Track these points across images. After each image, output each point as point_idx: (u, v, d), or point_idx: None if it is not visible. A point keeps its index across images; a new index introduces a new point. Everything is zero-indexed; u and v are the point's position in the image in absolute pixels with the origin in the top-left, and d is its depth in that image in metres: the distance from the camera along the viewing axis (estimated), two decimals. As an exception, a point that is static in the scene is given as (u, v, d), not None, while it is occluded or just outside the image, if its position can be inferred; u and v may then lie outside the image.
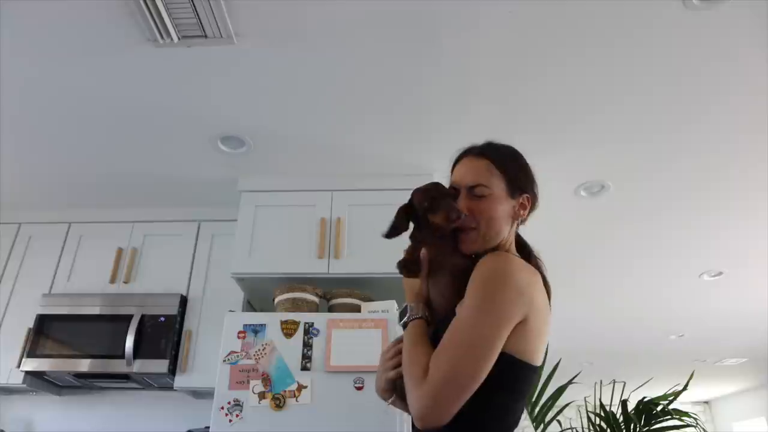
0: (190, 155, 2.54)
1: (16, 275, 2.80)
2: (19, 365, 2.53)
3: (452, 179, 1.14)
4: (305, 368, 2.07)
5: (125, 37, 1.86)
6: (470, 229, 1.05)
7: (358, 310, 2.28)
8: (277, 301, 2.33)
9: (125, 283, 2.72)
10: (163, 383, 2.62)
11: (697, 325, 4.76)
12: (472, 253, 1.06)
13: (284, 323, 2.16)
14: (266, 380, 2.06)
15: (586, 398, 3.44)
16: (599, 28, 1.83)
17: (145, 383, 2.66)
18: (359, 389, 2.02)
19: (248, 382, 2.06)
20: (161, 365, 2.47)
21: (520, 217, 1.10)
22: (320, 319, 2.17)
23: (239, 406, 2.02)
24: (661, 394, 3.18)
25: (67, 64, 1.99)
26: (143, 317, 2.57)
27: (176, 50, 1.91)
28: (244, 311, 2.53)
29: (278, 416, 2.00)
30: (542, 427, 3.26)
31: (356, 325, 2.14)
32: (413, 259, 1.07)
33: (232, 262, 2.47)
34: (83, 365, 2.51)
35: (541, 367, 1.05)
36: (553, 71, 2.02)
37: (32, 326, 2.60)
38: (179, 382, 2.51)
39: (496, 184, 1.08)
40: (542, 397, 3.29)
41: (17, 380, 2.56)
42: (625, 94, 2.12)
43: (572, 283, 3.80)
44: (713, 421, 8.50)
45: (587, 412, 3.33)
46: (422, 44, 1.90)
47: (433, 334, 1.01)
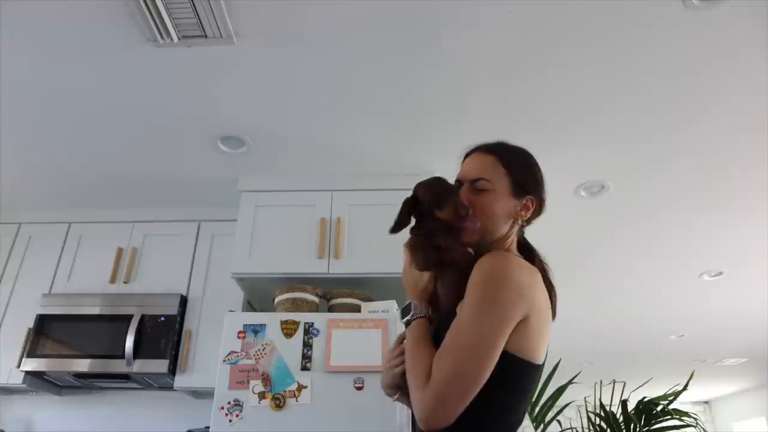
0: (190, 155, 2.54)
1: (16, 275, 2.80)
2: (19, 365, 2.53)
3: (459, 173, 1.15)
4: (305, 368, 2.07)
5: (125, 37, 1.86)
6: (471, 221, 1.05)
7: (358, 310, 2.28)
8: (277, 301, 2.33)
9: (125, 283, 2.72)
10: (163, 383, 2.62)
11: (697, 325, 4.76)
12: (469, 244, 1.06)
13: (284, 323, 2.16)
14: (266, 380, 2.06)
15: (586, 398, 3.44)
16: (599, 28, 1.83)
17: (145, 383, 2.66)
18: (359, 389, 2.02)
19: (248, 382, 2.06)
20: (161, 365, 2.47)
21: (521, 218, 1.09)
22: (320, 319, 2.17)
23: (239, 406, 2.02)
24: (661, 394, 3.18)
25: (67, 64, 1.99)
26: (143, 317, 2.57)
27: (176, 50, 1.91)
28: (244, 311, 2.53)
29: (278, 416, 2.00)
30: (542, 427, 3.26)
31: (356, 325, 2.14)
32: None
33: (232, 262, 2.47)
34: (83, 365, 2.51)
35: (543, 366, 1.05)
36: (553, 71, 2.02)
37: (32, 326, 2.60)
38: (179, 382, 2.51)
39: (499, 180, 1.08)
40: (542, 397, 3.29)
41: (17, 380, 2.56)
42: (625, 94, 2.12)
43: (572, 283, 3.80)
44: (713, 421, 8.50)
45: (587, 412, 3.33)
46: (422, 44, 1.90)
47: (434, 333, 1.01)
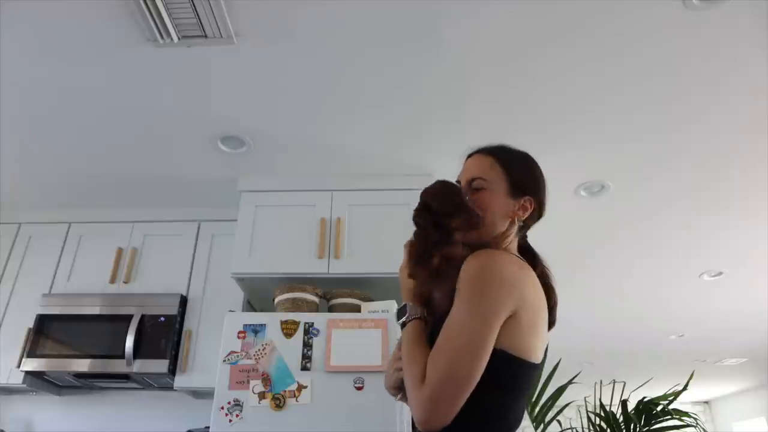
0: (190, 155, 2.54)
1: (16, 275, 2.80)
2: (19, 365, 2.53)
3: (459, 174, 1.17)
4: (305, 368, 2.07)
5: (125, 37, 1.86)
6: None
7: (358, 310, 2.28)
8: (277, 301, 2.33)
9: (125, 283, 2.72)
10: (163, 383, 2.62)
11: (697, 325, 4.76)
12: (468, 242, 1.06)
13: (284, 323, 2.16)
14: (266, 380, 2.06)
15: (586, 398, 3.44)
16: (599, 28, 1.83)
17: (145, 383, 2.66)
18: (359, 389, 2.02)
19: (248, 382, 2.06)
20: (161, 365, 2.47)
21: (518, 217, 1.09)
22: (320, 319, 2.17)
23: (239, 406, 2.02)
24: (661, 394, 3.18)
25: (66, 64, 1.99)
26: (143, 317, 2.57)
27: (176, 50, 1.91)
28: (244, 311, 2.52)
29: (278, 416, 2.00)
30: (542, 427, 3.26)
31: (356, 325, 2.14)
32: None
33: (232, 262, 2.47)
34: (83, 365, 2.51)
35: (541, 365, 1.05)
36: (553, 71, 2.01)
37: (32, 326, 2.60)
38: (179, 382, 2.51)
39: (496, 180, 1.10)
40: (542, 397, 3.29)
41: (17, 380, 2.56)
42: (625, 93, 2.12)
43: (572, 283, 3.80)
44: (713, 421, 8.50)
45: (587, 412, 3.33)
46: (422, 45, 1.90)
47: (430, 334, 1.01)
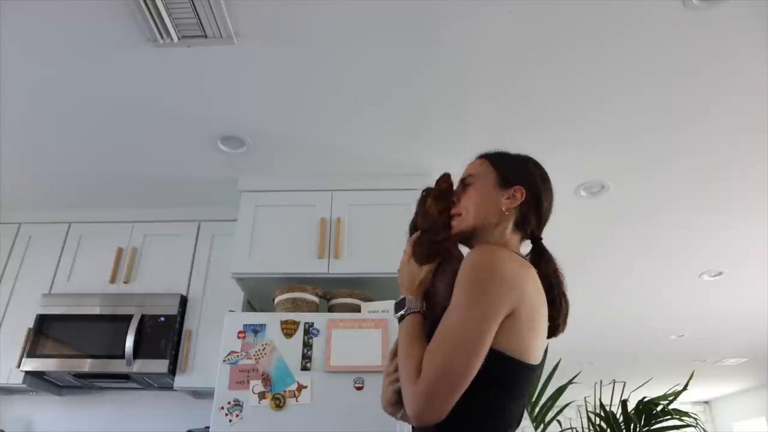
0: (190, 155, 2.54)
1: (16, 275, 2.80)
2: (19, 365, 2.53)
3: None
4: (305, 368, 2.07)
5: (125, 37, 1.86)
6: (457, 214, 1.12)
7: (358, 310, 2.28)
8: (277, 301, 2.33)
9: (125, 283, 2.72)
10: (163, 383, 2.62)
11: (697, 325, 4.76)
12: (459, 234, 1.11)
13: (284, 323, 2.16)
14: (266, 380, 2.06)
15: (586, 398, 3.44)
16: (599, 28, 1.83)
17: (145, 383, 2.66)
18: (359, 389, 2.02)
19: (248, 382, 2.06)
20: (161, 365, 2.47)
21: (506, 207, 1.09)
22: (320, 319, 2.17)
23: (239, 406, 2.02)
24: (661, 394, 3.18)
25: (66, 64, 1.99)
26: (143, 317, 2.57)
27: (176, 50, 1.91)
28: (244, 311, 2.52)
29: (278, 416, 2.00)
30: (542, 427, 3.26)
31: (356, 325, 2.14)
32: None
33: (232, 262, 2.47)
34: (83, 365, 2.51)
35: (541, 365, 1.04)
36: (552, 71, 2.01)
37: (32, 326, 2.60)
38: (179, 382, 2.51)
39: (485, 175, 1.14)
40: (542, 397, 3.29)
41: (17, 380, 2.56)
42: (625, 93, 2.12)
43: (572, 283, 3.74)
44: (713, 421, 8.51)
45: (587, 412, 3.33)
46: (422, 45, 1.90)
47: (429, 330, 1.01)
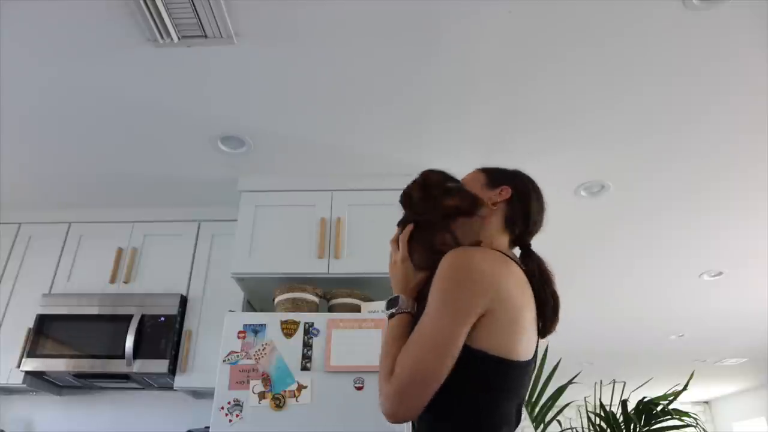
0: (190, 155, 2.54)
1: (16, 275, 2.80)
2: (19, 365, 2.53)
3: None
4: (305, 368, 2.07)
5: (125, 37, 1.86)
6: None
7: (358, 310, 2.28)
8: (277, 301, 2.33)
9: (125, 283, 2.72)
10: (163, 383, 2.62)
11: (697, 325, 4.76)
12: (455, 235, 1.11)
13: (284, 323, 2.16)
14: (266, 380, 2.06)
15: (586, 398, 3.45)
16: (599, 28, 1.83)
17: (145, 383, 2.66)
18: (359, 389, 2.02)
19: (248, 382, 2.06)
20: (161, 365, 2.47)
21: (493, 202, 1.13)
22: (320, 319, 2.17)
23: (239, 406, 2.02)
24: (661, 394, 3.18)
25: (66, 64, 1.99)
26: (143, 317, 2.57)
27: (176, 50, 1.91)
28: (244, 311, 2.52)
29: (278, 416, 2.00)
30: (542, 427, 3.26)
31: (356, 325, 2.14)
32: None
33: (232, 262, 2.47)
34: (83, 365, 2.51)
35: (533, 361, 1.03)
36: (553, 71, 2.02)
37: (32, 326, 2.60)
38: (179, 382, 2.51)
39: (475, 179, 1.18)
40: (542, 397, 3.29)
41: (17, 380, 2.56)
42: (625, 94, 2.12)
43: (572, 283, 3.80)
44: (713, 421, 8.51)
45: (587, 412, 3.33)
46: (422, 45, 1.90)
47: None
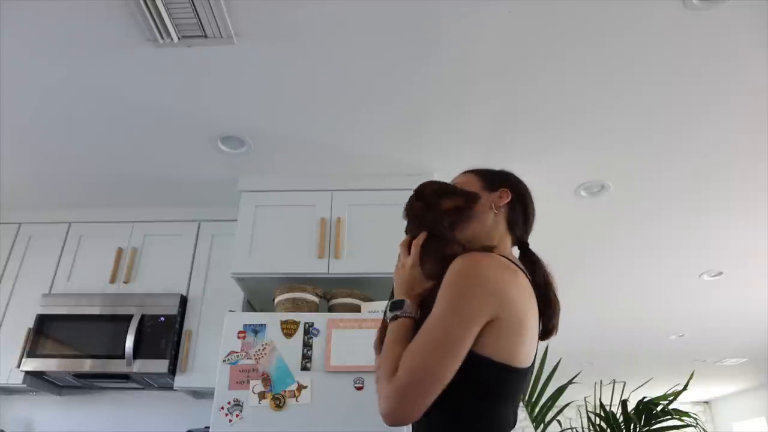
0: (190, 155, 2.54)
1: (16, 275, 2.80)
2: (19, 365, 2.53)
3: None
4: (305, 368, 2.07)
5: (125, 37, 1.86)
6: None
7: (358, 310, 2.28)
8: (277, 301, 2.33)
9: (125, 283, 2.72)
10: (163, 383, 2.62)
11: (697, 325, 4.76)
12: (461, 240, 1.10)
13: (284, 323, 2.16)
14: (266, 380, 2.06)
15: (586, 398, 3.44)
16: (599, 28, 1.83)
17: (145, 383, 2.66)
18: (359, 389, 2.02)
19: (248, 382, 2.06)
20: (161, 365, 2.47)
21: (496, 205, 1.13)
22: (320, 319, 2.17)
23: (239, 406, 2.02)
24: (661, 394, 3.18)
25: (66, 64, 1.99)
26: (143, 317, 2.57)
27: (176, 50, 1.91)
28: (244, 311, 2.52)
29: (278, 416, 2.00)
30: (542, 427, 3.26)
31: (356, 325, 2.14)
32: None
33: (232, 262, 2.47)
34: (83, 365, 2.51)
35: (532, 367, 1.04)
36: (553, 71, 2.01)
37: (32, 326, 2.60)
38: (179, 382, 2.51)
39: (470, 183, 1.17)
40: (542, 397, 3.29)
41: (17, 380, 2.56)
42: (625, 94, 2.12)
43: (572, 283, 3.80)
44: (713, 421, 8.50)
45: (587, 412, 3.33)
46: (422, 45, 1.90)
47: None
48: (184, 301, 2.66)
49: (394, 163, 2.55)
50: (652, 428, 3.07)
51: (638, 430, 3.08)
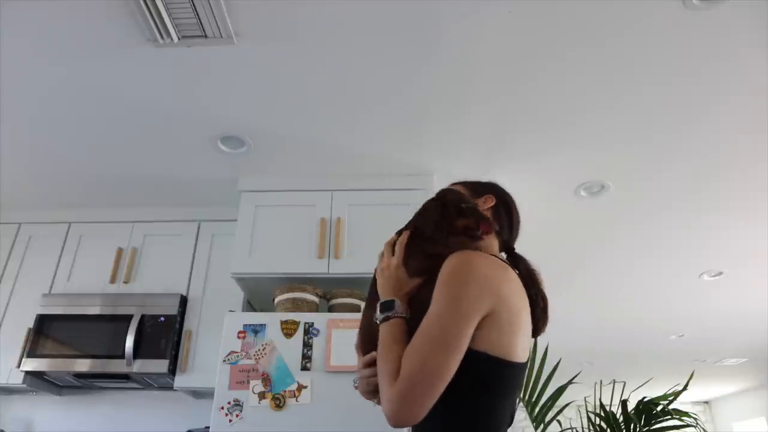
0: (190, 155, 2.54)
1: (16, 275, 2.80)
2: (19, 365, 2.53)
3: None
4: (305, 368, 2.08)
5: (125, 37, 1.86)
6: None
7: (358, 310, 2.28)
8: (277, 301, 2.33)
9: (125, 283, 2.72)
10: (163, 383, 2.62)
11: (697, 325, 4.77)
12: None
13: (284, 323, 2.16)
14: (266, 380, 2.06)
15: (586, 398, 3.44)
16: (599, 28, 1.83)
17: (145, 383, 2.66)
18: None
19: (248, 382, 2.06)
20: (161, 365, 2.47)
21: (482, 207, 1.17)
22: (320, 319, 2.17)
23: (239, 406, 2.02)
24: (661, 394, 3.17)
25: (66, 64, 1.99)
26: (143, 317, 2.57)
27: (176, 50, 1.91)
28: (244, 311, 2.53)
29: (278, 416, 2.00)
30: (542, 427, 3.26)
31: (356, 325, 2.12)
32: None
33: (232, 262, 2.47)
34: (83, 365, 2.51)
35: (527, 362, 1.06)
36: (553, 71, 2.01)
37: (32, 326, 2.60)
38: (179, 382, 2.51)
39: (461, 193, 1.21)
40: (542, 397, 3.29)
41: (17, 380, 2.56)
42: (625, 94, 2.12)
43: (572, 283, 3.80)
44: (713, 421, 8.50)
45: (587, 412, 3.33)
46: (422, 45, 1.90)
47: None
48: (184, 301, 2.66)
49: (394, 163, 2.55)
50: (652, 428, 3.07)
51: (638, 430, 3.08)
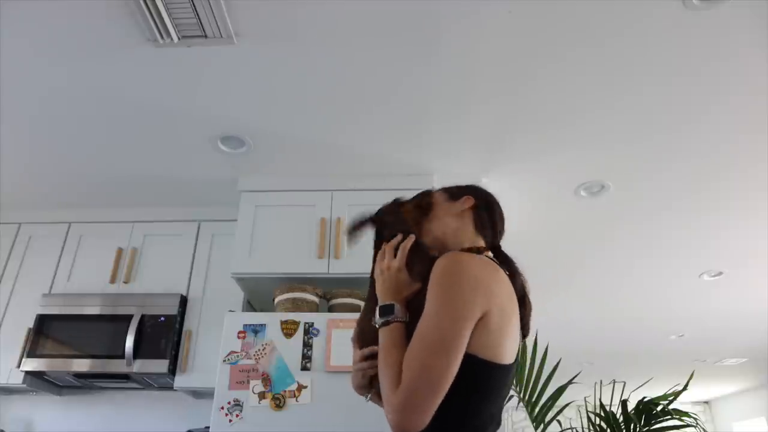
0: (190, 155, 2.54)
1: (16, 275, 2.80)
2: (19, 365, 2.53)
3: None
4: (305, 368, 2.08)
5: (125, 37, 1.86)
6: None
7: (358, 310, 2.27)
8: (277, 301, 2.33)
9: (125, 283, 2.72)
10: (163, 383, 2.62)
11: (697, 325, 4.77)
12: (433, 246, 1.16)
13: (284, 323, 2.16)
14: (266, 380, 2.06)
15: (586, 398, 3.44)
16: (599, 28, 1.83)
17: (145, 383, 2.66)
18: (359, 389, 2.02)
19: (248, 382, 2.06)
20: (161, 365, 2.47)
21: (461, 208, 1.19)
22: (320, 319, 2.17)
23: (239, 406, 2.02)
24: (661, 394, 3.17)
25: (66, 64, 1.99)
26: (143, 317, 2.57)
27: (176, 50, 1.91)
28: (244, 311, 2.53)
29: (278, 416, 2.00)
30: (542, 427, 3.26)
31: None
32: None
33: (232, 262, 2.47)
34: (83, 365, 2.51)
35: (516, 364, 1.05)
36: (553, 71, 2.01)
37: (32, 326, 2.60)
38: (179, 382, 2.51)
39: (438, 198, 1.24)
40: (542, 397, 3.28)
41: (17, 380, 2.56)
42: (625, 93, 2.12)
43: (572, 283, 3.80)
44: (713, 421, 8.50)
45: (587, 412, 3.33)
46: (422, 45, 1.90)
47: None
48: (184, 301, 2.66)
49: (394, 163, 2.55)
50: (652, 428, 3.07)
51: (638, 430, 3.08)
